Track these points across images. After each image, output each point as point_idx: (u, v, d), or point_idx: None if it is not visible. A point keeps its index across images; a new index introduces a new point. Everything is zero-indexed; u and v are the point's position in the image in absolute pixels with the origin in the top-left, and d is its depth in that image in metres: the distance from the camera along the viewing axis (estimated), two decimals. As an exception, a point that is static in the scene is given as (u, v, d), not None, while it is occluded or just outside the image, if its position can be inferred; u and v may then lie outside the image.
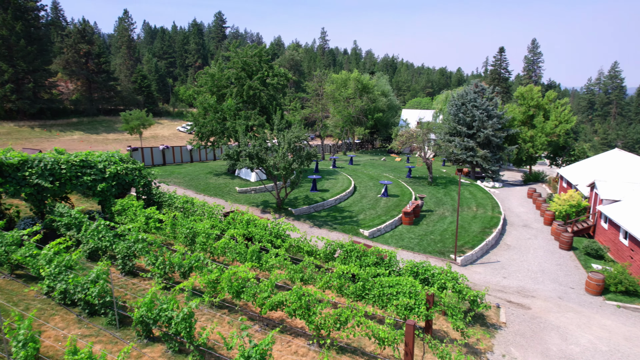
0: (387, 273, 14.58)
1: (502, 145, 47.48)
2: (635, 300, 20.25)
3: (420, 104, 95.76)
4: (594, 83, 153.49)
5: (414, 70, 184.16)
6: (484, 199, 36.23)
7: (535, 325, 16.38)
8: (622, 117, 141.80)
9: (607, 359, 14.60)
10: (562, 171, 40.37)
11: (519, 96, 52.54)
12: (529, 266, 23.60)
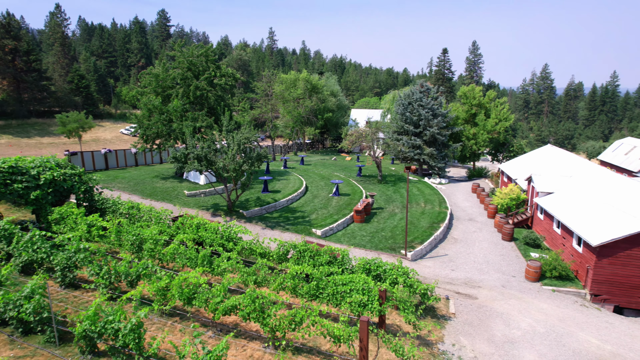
0: (340, 271, 14.72)
1: (447, 143, 49.42)
2: (567, 284, 21.79)
3: (368, 104, 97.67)
4: (528, 83, 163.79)
5: (362, 71, 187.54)
6: (431, 195, 37.52)
7: (481, 314, 17.17)
8: (553, 115, 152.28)
9: (544, 340, 15.59)
10: (502, 166, 42.66)
11: (462, 95, 54.96)
12: (475, 258, 24.71)
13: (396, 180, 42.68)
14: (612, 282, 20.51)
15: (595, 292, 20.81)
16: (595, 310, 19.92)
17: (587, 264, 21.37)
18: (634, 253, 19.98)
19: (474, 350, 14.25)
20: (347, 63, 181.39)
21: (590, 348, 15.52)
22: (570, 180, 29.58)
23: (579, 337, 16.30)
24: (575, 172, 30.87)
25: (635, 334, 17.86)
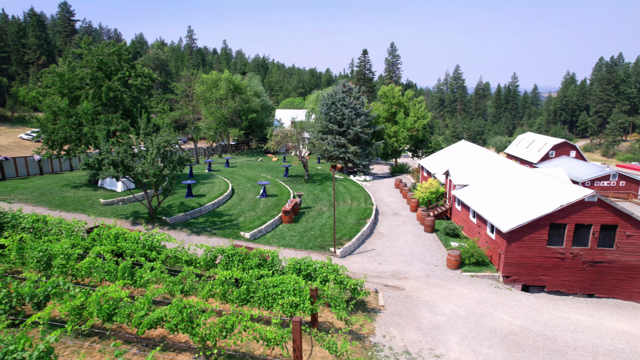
0: (270, 273, 14.52)
1: (370, 141, 51.11)
2: (483, 269, 23.55)
3: (293, 104, 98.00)
4: (443, 83, 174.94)
5: (285, 71, 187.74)
6: (357, 192, 38.54)
7: (409, 304, 17.94)
8: (466, 113, 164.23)
9: (465, 322, 16.68)
10: (422, 162, 45.03)
11: (382, 95, 57.16)
12: (401, 251, 25.79)
13: (323, 179, 43.25)
14: (520, 263, 22.52)
15: (506, 274, 22.70)
16: (507, 290, 21.73)
17: (499, 249, 23.25)
18: (536, 236, 22.09)
19: (404, 340, 14.84)
20: (270, 63, 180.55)
21: (504, 325, 16.89)
22: (482, 172, 31.98)
23: (494, 316, 17.67)
24: (486, 165, 33.45)
25: (538, 308, 19.77)
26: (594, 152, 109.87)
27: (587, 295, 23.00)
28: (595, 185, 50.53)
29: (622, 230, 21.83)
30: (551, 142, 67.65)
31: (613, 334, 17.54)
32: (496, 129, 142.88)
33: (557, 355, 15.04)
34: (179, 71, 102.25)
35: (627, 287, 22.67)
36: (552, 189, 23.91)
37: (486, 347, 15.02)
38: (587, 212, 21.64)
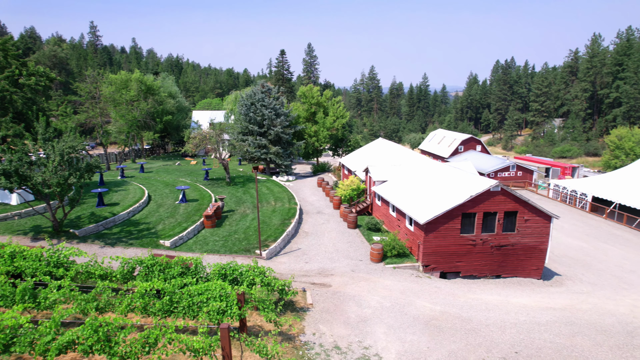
0: (194, 281, 13.92)
1: (292, 141, 51.29)
2: (404, 260, 24.74)
3: (211, 105, 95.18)
4: (359, 83, 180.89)
5: (201, 71, 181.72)
6: (280, 192, 38.45)
7: (336, 300, 18.26)
8: (382, 112, 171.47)
9: (390, 313, 17.39)
10: (343, 160, 46.15)
11: (301, 95, 57.62)
12: (326, 248, 26.18)
13: (245, 181, 42.54)
14: (437, 252, 24.00)
15: (425, 263, 24.06)
16: (427, 278, 23.04)
17: (418, 240, 24.56)
18: (450, 226, 23.70)
19: (333, 335, 15.06)
20: (184, 63, 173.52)
21: (425, 311, 17.88)
22: (399, 168, 33.56)
23: (416, 304, 18.63)
24: (403, 162, 35.15)
25: (455, 292, 21.24)
26: (496, 146, 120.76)
27: (495, 276, 25.16)
28: (498, 176, 55.55)
29: (522, 215, 24.20)
30: (460, 137, 73.06)
31: (517, 309, 19.36)
32: (410, 126, 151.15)
33: (472, 333, 16.24)
34: (83, 70, 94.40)
35: (527, 266, 25.19)
36: (462, 181, 25.78)
37: (410, 334, 15.77)
38: (493, 201, 23.65)
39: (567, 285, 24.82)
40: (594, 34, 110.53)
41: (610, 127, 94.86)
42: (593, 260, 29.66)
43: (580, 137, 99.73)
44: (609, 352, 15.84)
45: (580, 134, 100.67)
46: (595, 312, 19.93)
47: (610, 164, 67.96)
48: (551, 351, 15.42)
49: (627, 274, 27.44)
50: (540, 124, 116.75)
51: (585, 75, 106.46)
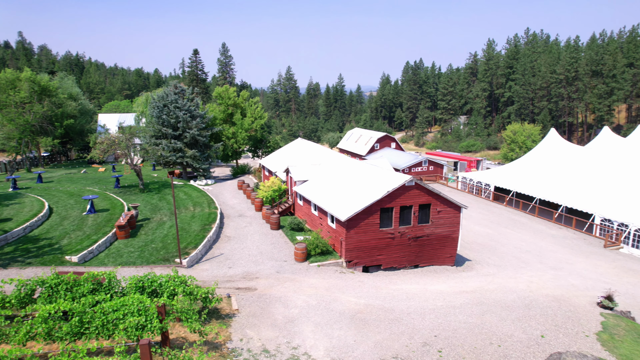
0: (108, 297, 12.90)
1: (209, 144, 49.70)
2: (328, 258, 25.16)
3: (119, 108, 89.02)
4: (276, 84, 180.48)
5: (106, 71, 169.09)
6: (199, 197, 37.10)
7: (262, 303, 18.03)
8: (300, 112, 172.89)
9: (317, 311, 17.57)
10: (263, 161, 45.73)
11: (217, 96, 56.04)
12: (250, 251, 25.75)
13: (160, 186, 40.41)
14: (359, 247, 24.75)
15: (348, 259, 24.69)
16: (350, 274, 23.66)
17: (340, 237, 25.11)
18: (369, 221, 24.57)
19: (261, 339, 14.84)
20: (86, 62, 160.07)
21: (351, 306, 18.34)
22: (319, 168, 34.05)
23: (342, 299, 19.04)
24: (322, 161, 35.72)
25: (377, 285, 22.08)
26: (409, 142, 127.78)
27: (414, 266, 26.59)
28: (412, 171, 58.76)
29: (434, 207, 25.83)
30: (375, 135, 76.08)
31: (435, 295, 20.64)
32: (328, 126, 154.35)
33: (396, 322, 16.99)
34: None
35: (441, 254, 26.97)
36: (379, 178, 26.85)
37: (337, 330, 16.07)
38: (408, 195, 24.94)
39: (477, 269, 27.00)
40: (488, 39, 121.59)
41: (506, 123, 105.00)
42: (497, 245, 32.59)
43: (482, 132, 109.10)
44: (511, 325, 17.50)
45: (482, 130, 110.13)
46: (500, 290, 21.91)
47: (508, 156, 75.21)
48: (465, 331, 16.64)
49: (524, 254, 30.56)
50: (447, 121, 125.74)
51: (483, 76, 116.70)
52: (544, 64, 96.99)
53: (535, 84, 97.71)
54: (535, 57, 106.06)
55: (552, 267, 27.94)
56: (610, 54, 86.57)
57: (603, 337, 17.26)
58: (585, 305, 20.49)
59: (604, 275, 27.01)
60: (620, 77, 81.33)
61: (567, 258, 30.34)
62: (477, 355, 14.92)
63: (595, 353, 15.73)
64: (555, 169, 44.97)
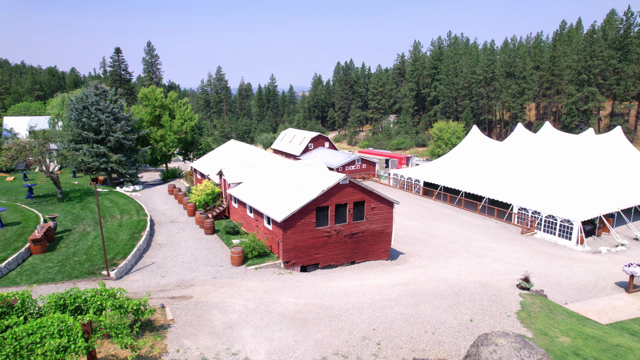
0: (22, 320, 11.73)
1: (136, 148, 47.10)
2: (266, 260, 24.89)
3: (29, 110, 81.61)
4: (206, 84, 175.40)
5: (11, 69, 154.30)
6: (126, 204, 35.05)
7: (199, 310, 17.39)
8: (232, 113, 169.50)
9: (256, 314, 17.30)
10: (194, 165, 44.21)
11: (143, 97, 53.23)
12: (183, 258, 24.76)
13: (82, 195, 37.62)
14: (296, 247, 24.74)
15: (286, 260, 24.59)
16: (289, 274, 23.58)
17: (277, 238, 24.93)
18: (306, 221, 24.65)
19: (199, 348, 14.31)
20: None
21: (290, 306, 18.27)
22: (254, 169, 33.58)
23: (281, 301, 18.90)
24: (257, 162, 35.25)
25: (316, 283, 22.23)
26: (341, 142, 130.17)
27: (351, 263, 27.11)
28: (345, 170, 59.90)
29: (368, 204, 26.51)
30: (309, 135, 76.60)
31: (372, 290, 21.18)
32: (261, 126, 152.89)
33: (335, 319, 17.18)
34: None
35: (376, 249, 27.76)
36: (314, 177, 27.03)
37: (278, 331, 15.92)
38: (342, 193, 25.36)
39: (410, 262, 28.12)
40: (415, 41, 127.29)
41: (432, 121, 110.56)
42: (428, 237, 34.20)
43: (411, 130, 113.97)
44: (443, 312, 18.42)
45: (411, 128, 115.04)
46: (432, 280, 22.99)
47: (435, 152, 79.26)
48: (402, 322, 17.24)
49: (452, 245, 32.37)
50: (378, 120, 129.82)
51: (410, 76, 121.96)
52: (465, 65, 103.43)
53: (458, 83, 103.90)
54: (457, 59, 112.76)
55: (478, 255, 29.86)
56: (520, 57, 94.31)
57: (522, 315, 18.72)
58: (507, 288, 22.11)
59: (521, 259, 29.35)
60: (529, 79, 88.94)
61: (491, 246, 32.60)
62: (414, 343, 15.52)
63: (516, 330, 17.01)
64: (478, 163, 48.13)
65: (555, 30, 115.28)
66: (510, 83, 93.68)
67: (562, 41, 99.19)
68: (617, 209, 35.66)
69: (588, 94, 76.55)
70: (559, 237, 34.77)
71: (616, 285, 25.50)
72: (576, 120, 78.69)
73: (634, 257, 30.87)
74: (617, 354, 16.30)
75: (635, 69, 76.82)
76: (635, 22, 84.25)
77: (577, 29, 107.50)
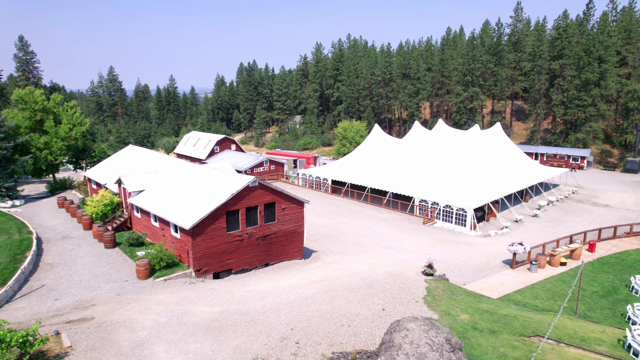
0: None
1: (13, 157, 41.61)
2: (175, 270, 23.64)
3: None
4: (98, 86, 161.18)
5: None
6: (4, 222, 30.86)
7: (103, 332, 15.91)
8: (129, 116, 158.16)
9: (168, 328, 16.33)
10: (88, 173, 40.39)
11: (19, 100, 47.09)
12: (81, 277, 22.51)
13: (-52, 214, 32.30)
14: (207, 254, 23.84)
15: (197, 268, 23.58)
16: (201, 283, 22.64)
17: (186, 246, 23.79)
18: (216, 226, 23.88)
19: (103, 374, 13.08)
20: None
21: (205, 316, 17.55)
22: (157, 175, 31.64)
23: (194, 311, 18.06)
24: (159, 168, 33.26)
25: (230, 289, 21.66)
26: (248, 143, 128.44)
27: (265, 265, 26.86)
28: (254, 172, 59.25)
29: (279, 205, 26.49)
30: (215, 138, 74.34)
31: (287, 290, 21.21)
32: (162, 130, 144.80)
33: (252, 324, 16.88)
34: None
35: (289, 249, 27.87)
36: (222, 181, 26.27)
37: (193, 343, 15.19)
38: (252, 196, 25.00)
39: (323, 259, 28.70)
40: (317, 43, 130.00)
41: (337, 121, 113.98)
42: (338, 233, 35.21)
43: (316, 130, 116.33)
44: (357, 304, 19.11)
45: (316, 128, 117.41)
46: (345, 275, 23.72)
47: (340, 151, 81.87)
48: (318, 318, 17.51)
49: (362, 239, 33.74)
50: (284, 121, 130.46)
51: (314, 77, 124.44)
52: (365, 66, 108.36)
53: (359, 84, 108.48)
54: (357, 61, 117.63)
55: (386, 247, 31.49)
56: (414, 60, 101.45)
57: (428, 299, 20.17)
58: (414, 276, 23.64)
59: (425, 248, 31.60)
60: (423, 80, 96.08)
61: (397, 237, 34.59)
62: (331, 338, 15.84)
63: (424, 314, 18.26)
64: (381, 160, 50.75)
65: (442, 36, 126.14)
66: (407, 84, 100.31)
67: (449, 46, 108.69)
68: (501, 195, 40.05)
69: (473, 93, 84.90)
70: (456, 225, 38.07)
71: (503, 263, 28.64)
72: (464, 117, 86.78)
73: (516, 237, 34.95)
74: (506, 323, 18.31)
75: (508, 72, 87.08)
76: (504, 32, 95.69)
77: (460, 36, 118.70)
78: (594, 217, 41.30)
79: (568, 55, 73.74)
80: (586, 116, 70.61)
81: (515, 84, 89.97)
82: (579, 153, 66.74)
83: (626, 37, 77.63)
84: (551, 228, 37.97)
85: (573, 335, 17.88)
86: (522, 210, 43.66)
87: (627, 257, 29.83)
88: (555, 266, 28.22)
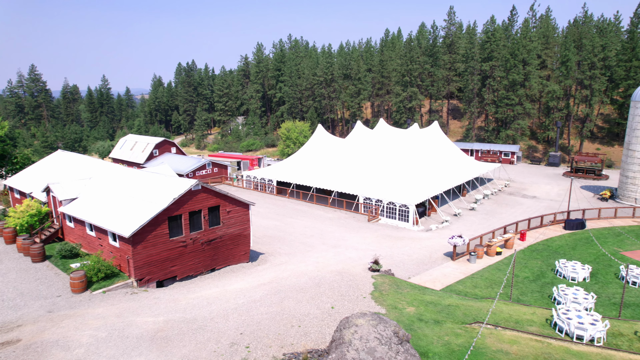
0: None
1: None
2: (115, 280, 22.42)
3: None
4: (17, 86, 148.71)
5: None
6: None
7: (32, 354, 14.72)
8: (56, 119, 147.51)
9: (108, 342, 15.43)
10: (10, 182, 37.20)
11: None
12: (3, 295, 20.71)
13: None
14: (150, 262, 22.83)
15: (139, 277, 22.50)
16: (144, 292, 21.62)
17: (126, 255, 22.61)
18: (158, 232, 22.93)
19: (35, 398, 12.09)
20: None
21: (149, 326, 16.78)
22: (91, 182, 29.81)
23: (137, 322, 17.21)
24: (93, 174, 31.35)
25: (175, 297, 20.89)
26: (189, 146, 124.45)
27: (211, 270, 26.18)
28: (196, 175, 57.55)
29: (224, 208, 25.93)
30: (153, 141, 71.31)
31: (235, 294, 20.81)
32: (95, 134, 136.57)
33: (200, 331, 16.37)
34: None
35: (236, 253, 27.38)
36: (163, 185, 25.26)
37: (137, 356, 14.46)
38: (195, 200, 24.27)
39: (271, 261, 28.47)
40: (258, 43, 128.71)
41: (280, 122, 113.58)
42: (285, 234, 35.10)
43: (260, 131, 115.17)
44: (307, 304, 19.16)
45: (259, 129, 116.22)
46: (294, 276, 23.69)
47: (285, 152, 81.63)
48: (268, 321, 17.34)
49: (309, 239, 33.87)
50: (226, 122, 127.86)
51: (255, 78, 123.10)
52: (307, 67, 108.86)
53: (301, 85, 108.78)
54: (299, 61, 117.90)
55: (333, 246, 31.84)
56: (354, 61, 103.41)
57: (375, 295, 20.65)
58: (361, 272, 24.10)
59: (370, 244, 32.31)
60: (364, 80, 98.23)
61: (343, 235, 35.08)
62: (282, 340, 15.75)
63: (372, 309, 18.67)
64: (326, 160, 51.22)
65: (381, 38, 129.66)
66: (348, 84, 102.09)
67: (387, 47, 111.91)
68: (440, 191, 41.89)
69: (411, 93, 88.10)
70: (399, 221, 39.29)
71: (445, 256, 29.98)
72: (404, 116, 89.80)
73: (456, 230, 36.72)
74: (449, 313, 19.18)
75: (444, 73, 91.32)
76: (439, 34, 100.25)
77: (399, 37, 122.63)
78: (524, 208, 44.38)
79: (497, 58, 78.67)
80: (514, 114, 75.73)
81: (451, 84, 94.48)
82: (510, 149, 71.46)
83: (545, 42, 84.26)
84: (487, 220, 40.30)
85: (508, 318, 19.09)
86: (461, 204, 45.94)
87: (552, 244, 32.37)
88: (491, 256, 29.98)
